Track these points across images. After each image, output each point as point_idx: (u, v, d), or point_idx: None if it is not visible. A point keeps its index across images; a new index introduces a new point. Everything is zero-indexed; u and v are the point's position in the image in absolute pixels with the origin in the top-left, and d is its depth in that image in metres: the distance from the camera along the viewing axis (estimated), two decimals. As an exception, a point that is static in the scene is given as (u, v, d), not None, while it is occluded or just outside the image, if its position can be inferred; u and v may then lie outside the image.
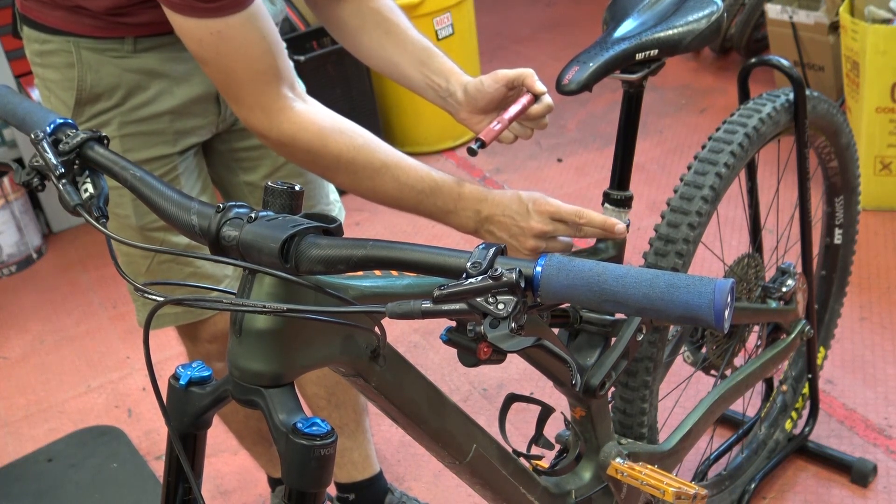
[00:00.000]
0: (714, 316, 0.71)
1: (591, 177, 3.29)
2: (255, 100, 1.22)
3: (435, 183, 1.26)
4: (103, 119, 1.42)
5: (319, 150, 1.24)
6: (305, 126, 1.24)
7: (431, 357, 2.54)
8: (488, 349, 0.87)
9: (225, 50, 1.19)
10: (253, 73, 1.21)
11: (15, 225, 3.31)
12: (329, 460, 0.92)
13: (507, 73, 1.33)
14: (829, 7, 3.17)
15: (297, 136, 1.24)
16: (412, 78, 1.41)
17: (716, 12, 1.38)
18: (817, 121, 1.70)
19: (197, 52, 1.21)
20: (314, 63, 3.23)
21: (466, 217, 1.28)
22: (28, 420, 2.59)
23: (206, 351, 1.65)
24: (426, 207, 1.28)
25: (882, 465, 2.00)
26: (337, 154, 1.24)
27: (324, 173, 1.31)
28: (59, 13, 1.36)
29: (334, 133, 1.24)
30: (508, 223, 1.26)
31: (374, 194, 1.29)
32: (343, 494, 1.95)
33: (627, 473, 1.42)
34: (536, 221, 1.26)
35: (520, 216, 1.26)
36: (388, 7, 1.45)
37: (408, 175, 1.26)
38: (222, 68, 1.21)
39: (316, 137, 1.24)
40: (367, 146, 1.26)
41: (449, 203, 1.27)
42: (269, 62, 1.22)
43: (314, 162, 1.27)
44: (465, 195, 1.27)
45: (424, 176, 1.27)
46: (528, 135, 1.37)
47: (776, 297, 1.77)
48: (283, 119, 1.23)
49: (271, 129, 1.24)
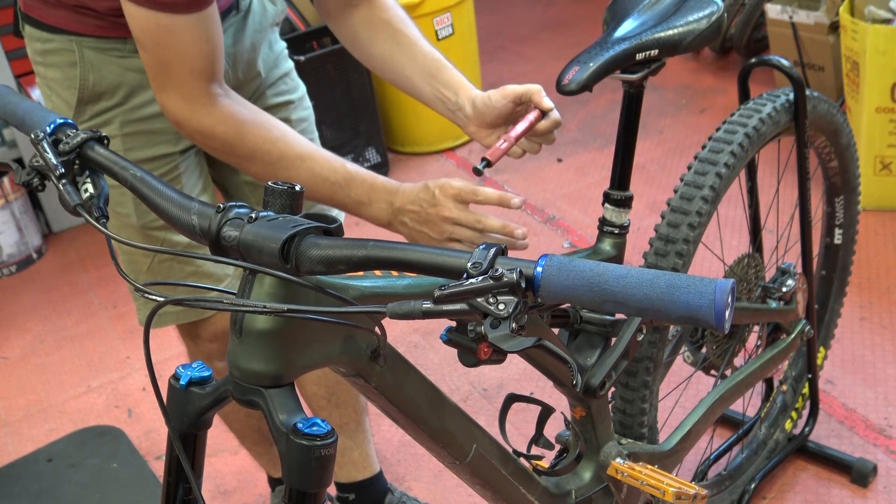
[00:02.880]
0: (714, 316, 0.71)
1: (591, 177, 3.29)
2: (180, 91, 1.25)
3: (349, 174, 1.30)
4: (105, 118, 1.43)
5: (236, 142, 1.28)
6: (224, 119, 1.27)
7: (431, 357, 2.54)
8: (489, 349, 0.87)
9: (166, 43, 1.22)
10: (187, 69, 1.24)
11: (15, 225, 3.31)
12: (329, 460, 0.92)
13: (514, 88, 1.34)
14: (829, 7, 3.17)
15: (215, 129, 1.27)
16: (422, 90, 1.43)
17: (716, 12, 1.38)
18: (817, 121, 1.70)
19: (139, 37, 1.23)
20: (314, 63, 3.23)
21: (380, 209, 1.31)
22: (28, 420, 2.59)
23: (206, 350, 1.65)
24: (340, 199, 1.31)
25: (882, 465, 2.00)
26: (253, 146, 1.28)
27: (239, 163, 1.34)
28: (63, 12, 1.37)
29: (252, 126, 1.28)
30: (419, 212, 1.28)
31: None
32: (343, 494, 1.95)
33: (627, 473, 1.42)
34: (444, 207, 1.27)
35: (428, 203, 1.28)
36: (398, 18, 1.46)
37: (322, 167, 1.30)
38: (159, 58, 1.24)
39: (233, 130, 1.27)
40: (284, 139, 1.30)
41: (363, 195, 1.30)
42: (205, 63, 1.25)
43: (230, 153, 1.30)
44: (377, 187, 1.30)
45: (338, 168, 1.30)
46: (535, 150, 1.38)
47: (776, 297, 1.77)
48: (204, 112, 1.26)
49: (191, 120, 1.27)
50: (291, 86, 1.63)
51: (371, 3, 1.46)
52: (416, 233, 1.30)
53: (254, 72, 1.53)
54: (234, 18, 1.46)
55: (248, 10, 1.49)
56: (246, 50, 1.50)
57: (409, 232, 1.31)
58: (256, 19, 1.50)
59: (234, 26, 1.47)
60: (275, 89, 1.59)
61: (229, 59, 1.47)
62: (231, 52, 1.47)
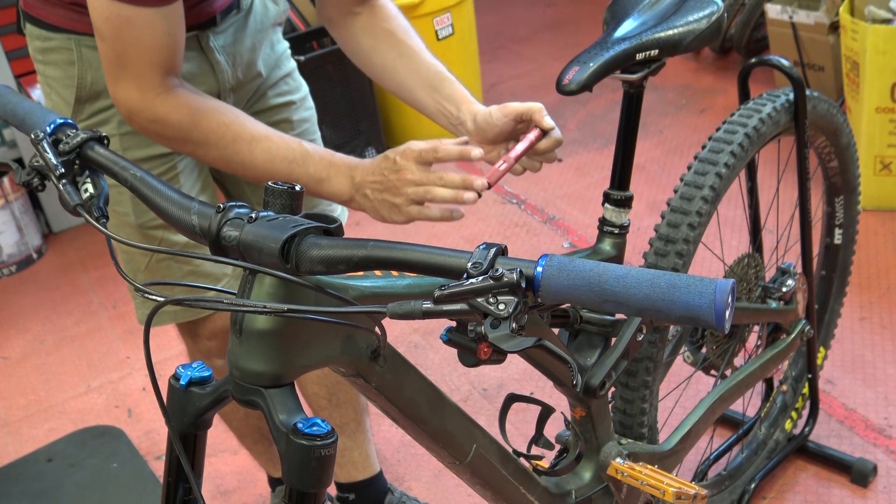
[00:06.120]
0: (715, 316, 0.71)
1: (591, 177, 3.29)
2: (135, 82, 1.25)
3: (306, 152, 1.29)
4: (103, 117, 1.43)
5: (190, 128, 1.27)
6: (177, 107, 1.26)
7: (431, 357, 2.54)
8: (489, 349, 0.87)
9: (126, 35, 1.21)
10: (145, 61, 1.23)
11: (15, 225, 3.31)
12: (329, 460, 0.92)
13: (516, 107, 1.32)
14: (829, 7, 3.17)
15: (169, 116, 1.26)
16: (424, 102, 1.42)
17: (716, 12, 1.38)
18: (817, 121, 1.70)
19: (99, 26, 1.23)
20: (314, 63, 3.23)
21: (340, 184, 1.30)
22: (28, 420, 2.59)
23: (206, 348, 1.65)
24: (298, 176, 1.29)
25: (882, 465, 2.00)
26: (206, 130, 1.27)
27: (195, 151, 1.33)
28: (61, 11, 1.37)
29: (206, 111, 1.28)
30: (381, 180, 1.27)
31: (246, 168, 1.31)
32: (343, 494, 1.95)
33: (627, 473, 1.42)
34: (406, 170, 1.26)
35: (389, 171, 1.27)
36: (402, 29, 1.45)
37: (277, 146, 1.29)
38: (117, 49, 1.23)
39: (187, 117, 1.27)
40: (237, 122, 1.29)
41: (321, 171, 1.29)
42: (165, 56, 1.24)
43: (185, 139, 1.29)
44: (336, 163, 1.30)
45: (295, 146, 1.30)
46: (536, 168, 1.36)
47: (776, 297, 1.77)
48: (158, 101, 1.26)
49: (144, 109, 1.26)
50: (293, 86, 1.63)
51: (373, 11, 1.46)
52: (378, 202, 1.28)
53: (254, 72, 1.53)
54: (234, 17, 1.46)
55: (249, 9, 1.49)
56: (246, 50, 1.50)
57: (371, 205, 1.29)
58: (258, 19, 1.50)
59: (235, 25, 1.47)
60: (276, 89, 1.59)
61: (229, 59, 1.47)
62: (231, 52, 1.47)
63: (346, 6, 1.46)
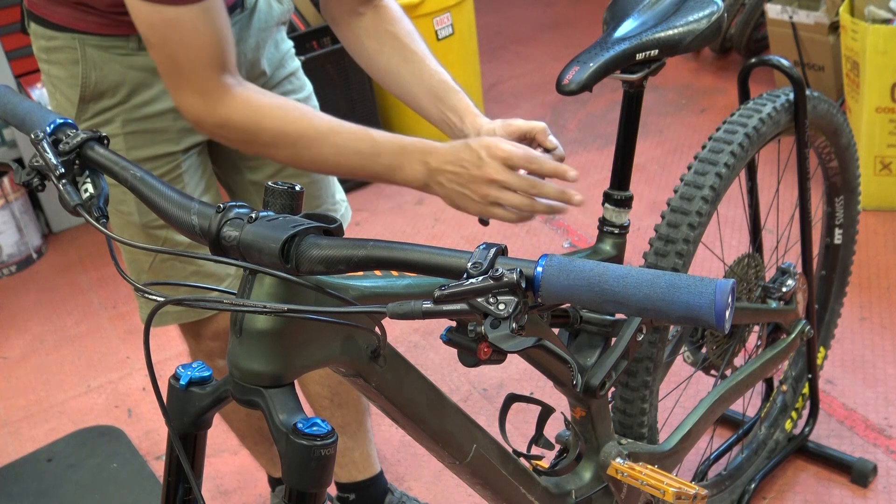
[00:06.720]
0: (715, 316, 0.71)
1: (591, 177, 3.29)
2: (194, 87, 1.24)
3: (375, 141, 1.25)
4: (107, 116, 1.43)
5: (255, 128, 1.25)
6: (240, 108, 1.25)
7: (431, 357, 2.54)
8: (489, 349, 0.87)
9: (173, 38, 1.20)
10: (198, 62, 1.22)
11: (15, 225, 3.31)
12: (329, 460, 0.92)
13: (520, 125, 1.31)
14: (829, 7, 3.17)
15: (231, 118, 1.25)
16: (427, 110, 1.41)
17: (716, 12, 1.38)
18: (817, 121, 1.70)
19: (145, 34, 1.22)
20: (314, 63, 3.23)
21: (414, 171, 1.25)
22: (28, 420, 2.59)
23: (209, 349, 1.65)
24: (371, 168, 1.26)
25: (882, 465, 2.00)
26: (273, 130, 1.25)
27: (263, 151, 1.31)
28: (65, 10, 1.37)
29: (270, 109, 1.26)
30: (460, 172, 1.22)
31: (316, 165, 1.29)
32: (343, 494, 1.95)
33: (627, 473, 1.42)
34: (491, 168, 1.21)
35: (472, 164, 1.21)
36: (406, 32, 1.44)
37: (346, 139, 1.26)
38: (168, 54, 1.22)
39: (251, 118, 1.25)
40: (303, 118, 1.27)
41: (393, 159, 1.25)
42: (215, 54, 1.23)
43: (253, 141, 1.28)
44: (408, 148, 1.25)
45: (363, 137, 1.25)
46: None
47: (776, 297, 1.77)
48: (220, 104, 1.24)
49: (209, 115, 1.25)
50: (297, 85, 1.63)
51: (378, 13, 1.45)
52: (456, 194, 1.24)
53: (258, 70, 1.53)
54: (238, 16, 1.46)
55: (253, 8, 1.48)
56: (250, 49, 1.49)
57: (446, 193, 1.25)
58: (262, 17, 1.50)
59: (239, 24, 1.46)
60: (280, 89, 1.59)
61: None
62: (235, 51, 1.47)
63: (349, 6, 1.46)
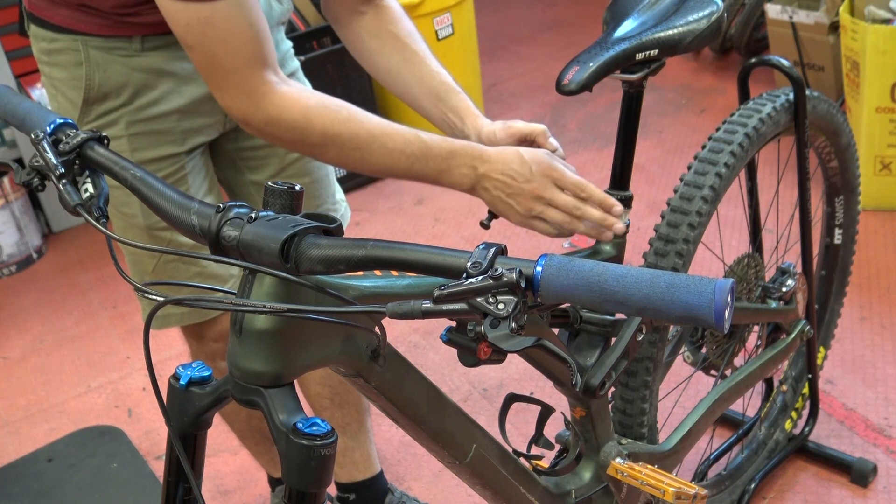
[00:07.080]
0: (714, 316, 0.71)
1: (592, 177, 3.27)
2: (239, 86, 1.22)
3: (424, 144, 1.25)
4: (111, 118, 1.42)
5: (304, 128, 1.24)
6: (289, 107, 1.23)
7: (431, 357, 2.54)
8: (488, 349, 0.87)
9: (211, 35, 1.19)
10: (238, 59, 1.21)
11: (15, 225, 3.31)
12: (329, 460, 0.92)
13: (520, 128, 1.32)
14: (829, 7, 3.17)
15: (281, 117, 1.23)
16: (428, 111, 1.41)
17: (716, 12, 1.38)
18: (817, 121, 1.70)
19: (183, 36, 1.21)
20: (314, 63, 3.23)
21: (461, 174, 1.25)
22: (28, 420, 2.59)
23: (211, 350, 1.65)
24: (419, 170, 1.26)
25: (882, 465, 2.00)
26: (322, 130, 1.24)
27: (312, 151, 1.30)
28: (67, 11, 1.36)
29: (318, 109, 1.24)
30: (508, 182, 1.23)
31: (364, 165, 1.28)
32: (343, 494, 1.95)
33: (627, 473, 1.42)
34: (540, 185, 1.22)
35: (521, 177, 1.23)
36: (407, 32, 1.44)
37: (395, 141, 1.25)
38: (208, 54, 1.21)
39: (300, 116, 1.23)
40: (352, 118, 1.26)
41: (441, 163, 1.25)
42: (254, 49, 1.22)
43: (302, 141, 1.26)
44: (457, 152, 1.25)
45: (412, 139, 1.25)
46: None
47: (776, 297, 1.77)
48: (266, 102, 1.23)
49: (256, 114, 1.24)
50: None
51: (379, 12, 1.45)
52: (500, 202, 1.25)
53: None
54: None
55: None
56: None
57: (491, 199, 1.26)
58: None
59: None
60: None
61: None
62: None
63: (350, 5, 1.46)
